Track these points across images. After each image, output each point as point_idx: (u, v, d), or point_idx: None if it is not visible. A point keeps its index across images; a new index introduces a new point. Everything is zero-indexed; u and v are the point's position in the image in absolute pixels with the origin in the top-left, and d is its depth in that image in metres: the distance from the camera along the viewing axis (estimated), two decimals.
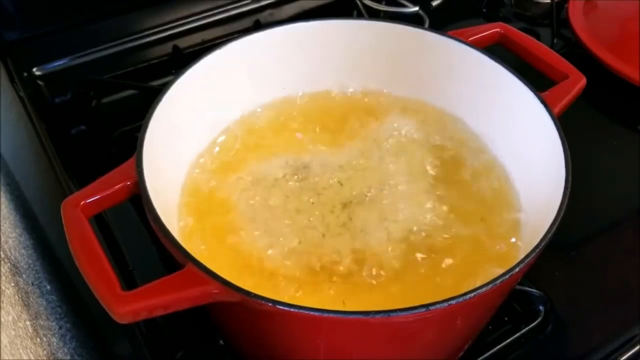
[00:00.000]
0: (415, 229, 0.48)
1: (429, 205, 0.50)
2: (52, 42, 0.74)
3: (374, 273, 0.45)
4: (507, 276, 0.37)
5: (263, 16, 0.79)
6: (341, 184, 0.51)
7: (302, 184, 0.51)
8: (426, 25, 0.77)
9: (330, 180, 0.51)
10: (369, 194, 0.50)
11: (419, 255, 0.47)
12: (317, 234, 0.47)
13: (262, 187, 0.51)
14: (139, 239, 0.55)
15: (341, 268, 0.46)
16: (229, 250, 0.47)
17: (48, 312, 0.56)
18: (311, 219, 0.48)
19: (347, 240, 0.47)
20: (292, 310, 0.36)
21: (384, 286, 0.45)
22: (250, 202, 0.50)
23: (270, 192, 0.50)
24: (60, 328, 0.56)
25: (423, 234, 0.48)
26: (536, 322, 0.51)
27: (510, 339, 0.50)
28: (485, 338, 0.51)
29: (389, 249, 0.47)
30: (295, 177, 0.51)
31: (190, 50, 0.74)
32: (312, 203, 0.49)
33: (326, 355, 0.42)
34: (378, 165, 0.52)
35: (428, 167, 0.53)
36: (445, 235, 0.48)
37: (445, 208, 0.50)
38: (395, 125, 0.56)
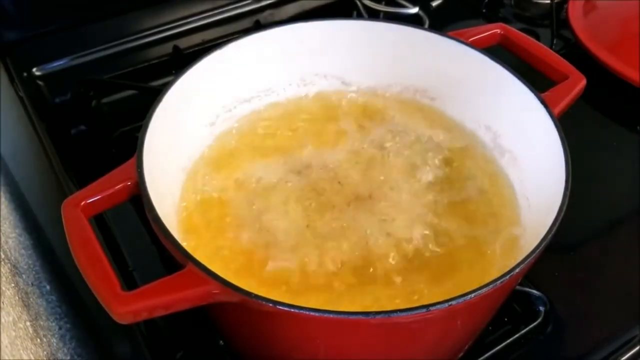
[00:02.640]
0: (415, 229, 0.48)
1: (428, 205, 0.50)
2: (52, 42, 0.74)
3: (375, 274, 0.45)
4: (507, 277, 0.37)
5: (263, 16, 0.79)
6: (341, 185, 0.51)
7: (302, 185, 0.51)
8: (426, 25, 0.77)
9: (331, 181, 0.51)
10: (369, 195, 0.50)
11: (419, 256, 0.47)
12: (317, 234, 0.47)
13: (262, 188, 0.51)
14: (139, 239, 0.55)
15: (342, 269, 0.46)
16: (228, 250, 0.47)
17: (48, 312, 0.56)
18: (311, 219, 0.48)
19: (347, 240, 0.47)
20: (292, 310, 0.36)
21: (384, 286, 0.45)
22: (250, 202, 0.50)
23: (270, 192, 0.50)
24: (60, 328, 0.56)
25: (424, 233, 0.48)
26: (536, 322, 0.51)
27: (510, 339, 0.50)
28: (485, 338, 0.51)
29: (390, 250, 0.47)
30: (296, 177, 0.51)
31: (191, 50, 0.74)
32: (312, 204, 0.49)
33: (326, 356, 0.42)
34: (379, 165, 0.52)
35: (428, 167, 0.53)
36: (444, 236, 0.48)
37: (445, 208, 0.50)
38: (395, 125, 0.56)
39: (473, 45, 0.52)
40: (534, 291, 0.52)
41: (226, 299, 0.37)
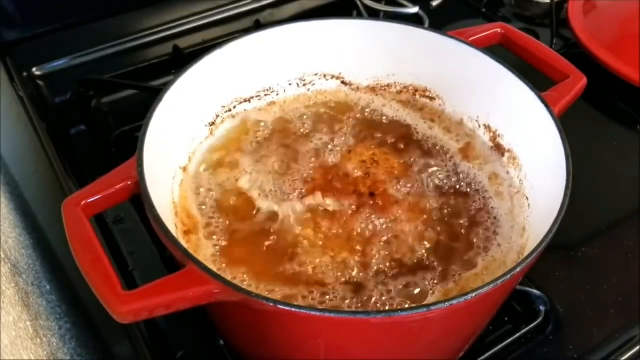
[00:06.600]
0: (417, 229, 0.48)
1: (430, 204, 0.50)
2: (52, 42, 0.74)
3: (381, 278, 0.45)
4: (508, 276, 0.37)
5: (263, 16, 0.79)
6: (343, 183, 0.51)
7: (303, 184, 0.51)
8: (426, 25, 0.77)
9: (332, 179, 0.51)
10: (371, 194, 0.50)
11: (424, 255, 0.47)
12: (317, 234, 0.47)
13: (263, 187, 0.51)
14: (139, 239, 0.55)
15: (344, 265, 0.46)
16: (227, 250, 0.47)
17: (48, 312, 0.56)
18: (311, 218, 0.48)
19: (348, 238, 0.47)
20: (292, 310, 0.36)
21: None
22: (251, 201, 0.50)
23: (271, 191, 0.50)
24: (60, 328, 0.56)
25: (426, 232, 0.48)
26: (536, 322, 0.51)
27: (511, 339, 0.50)
28: (486, 338, 0.51)
29: (393, 253, 0.47)
30: (297, 176, 0.51)
31: (191, 50, 0.74)
32: (312, 203, 0.49)
33: (326, 355, 0.42)
34: (381, 164, 0.52)
35: (428, 166, 0.53)
36: (444, 235, 0.48)
37: (446, 209, 0.50)
38: (395, 123, 0.56)
39: (473, 44, 0.52)
40: (535, 291, 0.52)
41: (227, 298, 0.37)
